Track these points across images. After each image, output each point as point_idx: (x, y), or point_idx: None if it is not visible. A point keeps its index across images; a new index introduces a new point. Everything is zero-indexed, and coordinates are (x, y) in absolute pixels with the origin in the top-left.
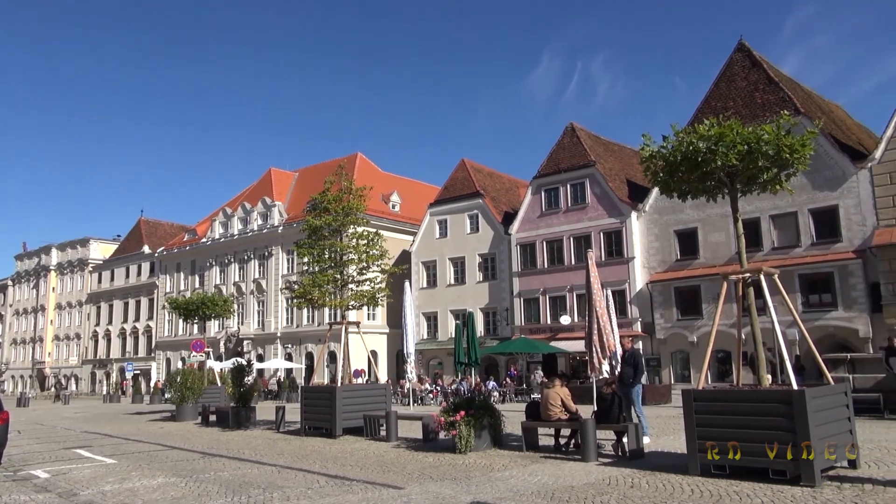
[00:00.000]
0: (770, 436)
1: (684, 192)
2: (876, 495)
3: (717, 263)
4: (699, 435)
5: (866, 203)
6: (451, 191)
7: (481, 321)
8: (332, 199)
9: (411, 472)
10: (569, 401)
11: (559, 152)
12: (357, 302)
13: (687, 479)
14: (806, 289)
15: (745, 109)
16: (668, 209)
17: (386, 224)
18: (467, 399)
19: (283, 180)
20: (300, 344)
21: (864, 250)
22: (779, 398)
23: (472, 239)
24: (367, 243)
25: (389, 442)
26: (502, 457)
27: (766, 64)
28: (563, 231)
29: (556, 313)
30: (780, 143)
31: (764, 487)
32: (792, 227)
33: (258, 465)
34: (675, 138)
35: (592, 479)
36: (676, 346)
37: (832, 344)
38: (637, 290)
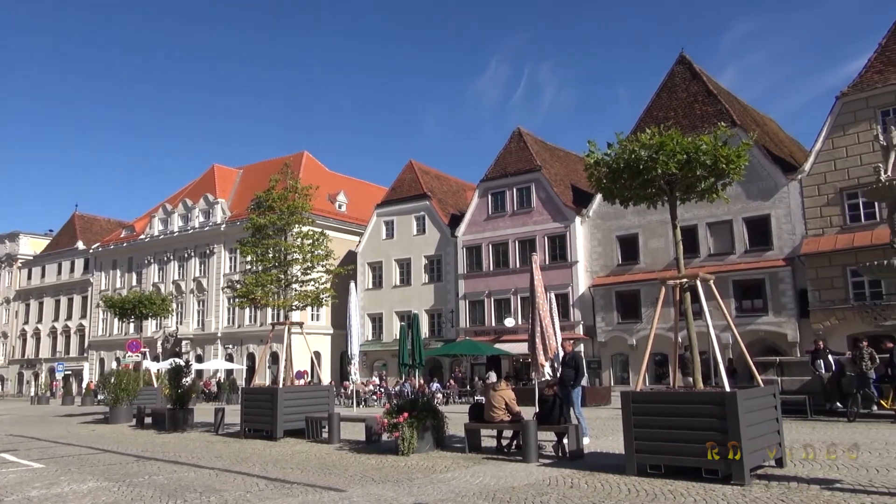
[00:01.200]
0: (703, 436)
1: (626, 199)
2: (801, 493)
3: (656, 269)
4: (636, 436)
5: (796, 213)
6: (398, 192)
7: (426, 323)
8: (277, 198)
9: (353, 475)
10: (512, 403)
11: (506, 156)
12: (301, 302)
13: (624, 479)
14: (739, 294)
15: (684, 120)
16: (610, 215)
17: (332, 224)
18: (411, 401)
19: (227, 177)
20: (241, 344)
21: (794, 258)
22: (712, 400)
23: (418, 240)
24: (313, 243)
25: (332, 444)
26: (445, 458)
27: (705, 77)
28: (509, 234)
29: (501, 315)
30: (717, 154)
31: (697, 486)
32: (727, 234)
33: (195, 469)
34: (618, 146)
35: (533, 480)
36: (617, 349)
37: (763, 348)
38: (580, 293)
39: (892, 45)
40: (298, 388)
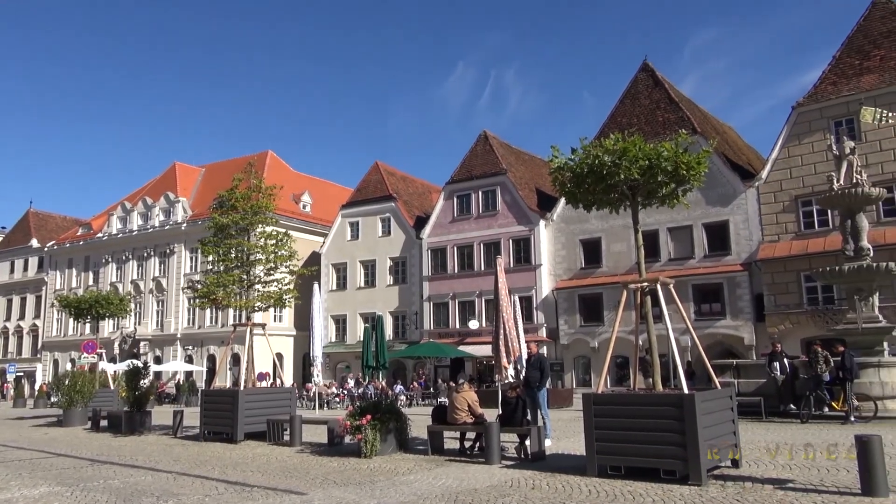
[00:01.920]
0: (662, 437)
1: (590, 203)
2: (755, 492)
3: (618, 272)
4: (597, 437)
5: (753, 219)
6: (363, 193)
7: (390, 325)
8: (241, 197)
9: (315, 478)
10: (475, 405)
11: (472, 159)
12: (263, 303)
13: (585, 480)
14: (698, 298)
15: (647, 126)
16: (574, 219)
17: (296, 224)
18: (374, 403)
19: (189, 176)
20: (202, 346)
21: (750, 263)
22: (670, 402)
23: (383, 242)
24: (276, 243)
25: (293, 447)
26: (408, 461)
27: (667, 84)
28: (474, 237)
29: (465, 318)
30: (678, 160)
31: (656, 487)
32: (687, 239)
33: (152, 472)
34: (582, 151)
35: (495, 482)
36: (579, 352)
37: (720, 350)
38: (543, 296)
39: (845, 58)
40: (260, 390)
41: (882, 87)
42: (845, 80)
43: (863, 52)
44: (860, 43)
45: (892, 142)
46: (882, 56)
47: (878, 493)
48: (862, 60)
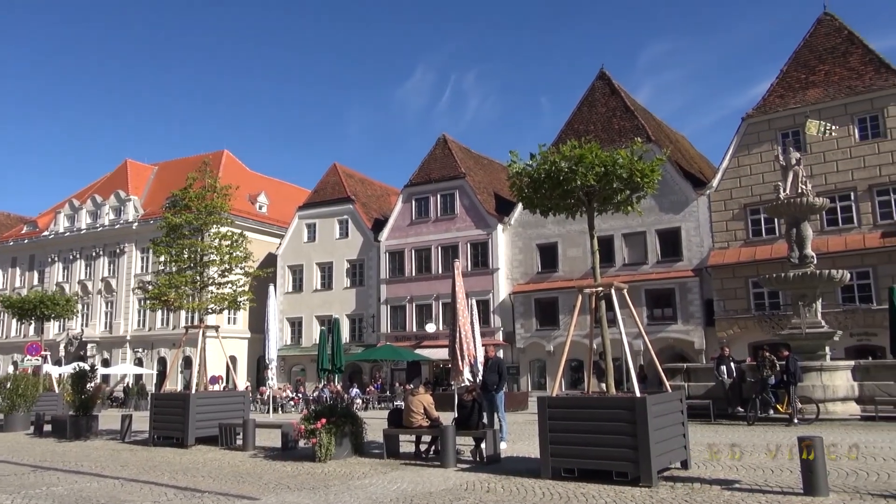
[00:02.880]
0: (615, 440)
1: (547, 209)
2: (703, 493)
3: (574, 277)
4: (552, 440)
5: (704, 227)
6: (321, 194)
7: (347, 328)
8: (195, 197)
9: (268, 482)
10: (431, 408)
11: (431, 162)
12: (217, 305)
13: (539, 483)
14: (651, 303)
15: (603, 134)
16: (531, 223)
17: (251, 225)
18: (329, 406)
19: (141, 174)
20: (152, 348)
21: (701, 269)
22: (623, 405)
23: (340, 244)
24: (231, 244)
25: (246, 451)
26: (363, 464)
27: (623, 93)
28: (432, 240)
29: (422, 321)
30: (632, 168)
31: (608, 489)
32: (641, 245)
33: (98, 479)
34: (540, 157)
35: (450, 485)
36: (535, 355)
37: (671, 354)
38: (500, 300)
39: (792, 72)
40: (212, 393)
41: (826, 101)
42: (792, 93)
43: (808, 67)
44: (806, 58)
45: (836, 154)
46: (826, 71)
47: (818, 493)
48: (808, 75)
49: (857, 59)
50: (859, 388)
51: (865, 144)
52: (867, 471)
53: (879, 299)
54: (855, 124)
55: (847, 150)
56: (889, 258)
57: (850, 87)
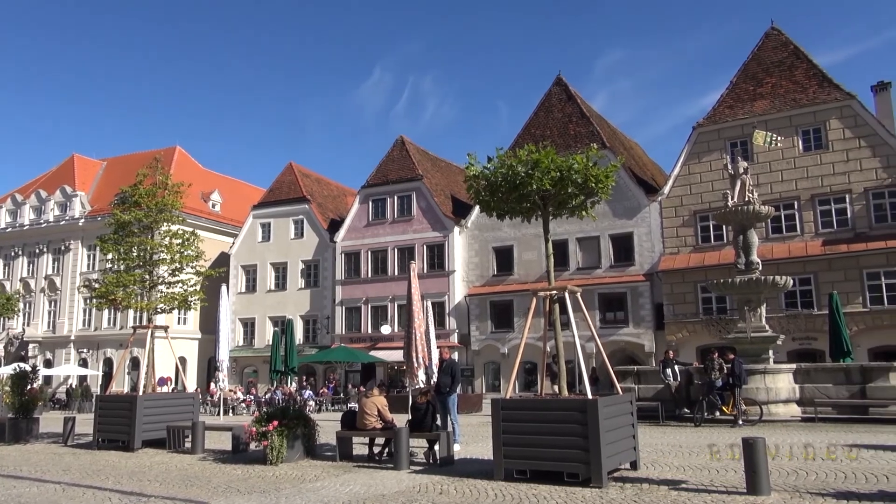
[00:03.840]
0: (566, 441)
1: (503, 212)
2: (651, 493)
3: (529, 280)
4: (505, 441)
5: (655, 232)
6: (276, 194)
7: (301, 329)
8: (145, 194)
9: (217, 486)
10: (385, 410)
11: (388, 164)
12: (167, 305)
13: (492, 485)
14: (603, 306)
15: (559, 139)
16: (487, 226)
17: (204, 224)
18: (281, 408)
19: (88, 169)
20: (98, 349)
21: (652, 274)
22: (575, 407)
23: (295, 244)
24: (182, 243)
25: (195, 454)
26: (315, 467)
27: (579, 99)
28: (389, 242)
29: (378, 323)
30: (587, 173)
31: (559, 490)
32: (594, 249)
33: (38, 483)
34: (497, 161)
35: (403, 487)
36: (489, 357)
37: (623, 357)
38: (456, 302)
39: (741, 84)
40: (160, 395)
41: (773, 113)
42: (741, 104)
43: (756, 79)
44: (754, 70)
45: (781, 164)
46: (773, 83)
47: (761, 492)
48: (756, 87)
49: (801, 74)
50: (800, 391)
51: (808, 156)
52: (807, 470)
53: (820, 305)
54: (799, 136)
55: (791, 160)
56: (829, 265)
57: (795, 100)
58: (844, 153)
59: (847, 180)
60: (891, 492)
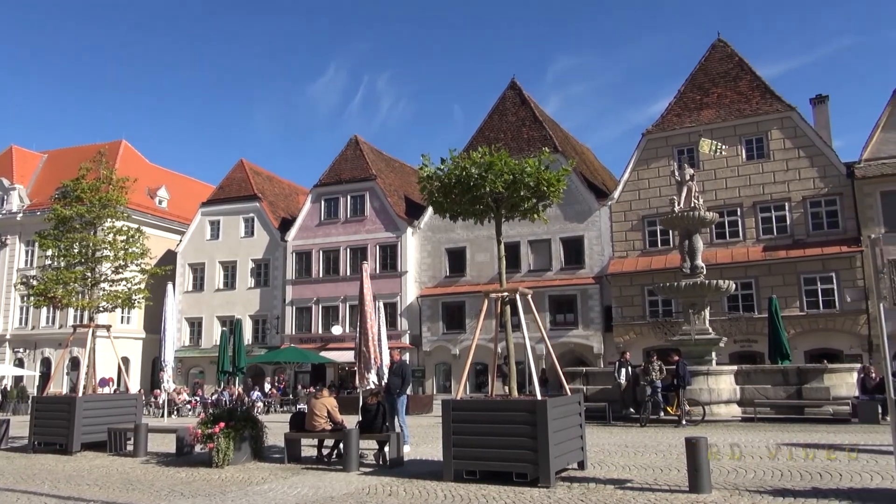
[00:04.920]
0: (516, 442)
1: (456, 214)
2: (598, 492)
3: (481, 281)
4: (455, 442)
5: (605, 236)
6: (226, 191)
7: (250, 329)
8: (88, 188)
9: (160, 490)
10: (334, 411)
11: (342, 163)
12: (110, 303)
13: (441, 485)
14: (554, 308)
15: (513, 143)
16: (440, 228)
17: (150, 220)
18: (228, 410)
19: (28, 161)
20: (35, 348)
21: (601, 277)
22: (524, 408)
23: (245, 243)
24: (127, 240)
25: (137, 457)
26: (262, 470)
27: (533, 103)
28: (341, 241)
29: (329, 323)
30: (540, 177)
31: (508, 490)
32: (546, 252)
33: None
34: (451, 162)
35: (352, 489)
36: (440, 359)
37: (572, 359)
38: (408, 303)
39: (688, 93)
40: (101, 396)
41: (718, 122)
42: (688, 112)
43: (703, 89)
44: (701, 80)
45: (725, 172)
46: (719, 94)
47: (702, 490)
48: (702, 96)
49: (745, 85)
50: (741, 392)
51: (751, 164)
52: (746, 469)
53: (760, 308)
54: (742, 145)
55: (735, 168)
56: (769, 270)
57: (739, 110)
58: (785, 163)
59: (787, 189)
60: (824, 489)
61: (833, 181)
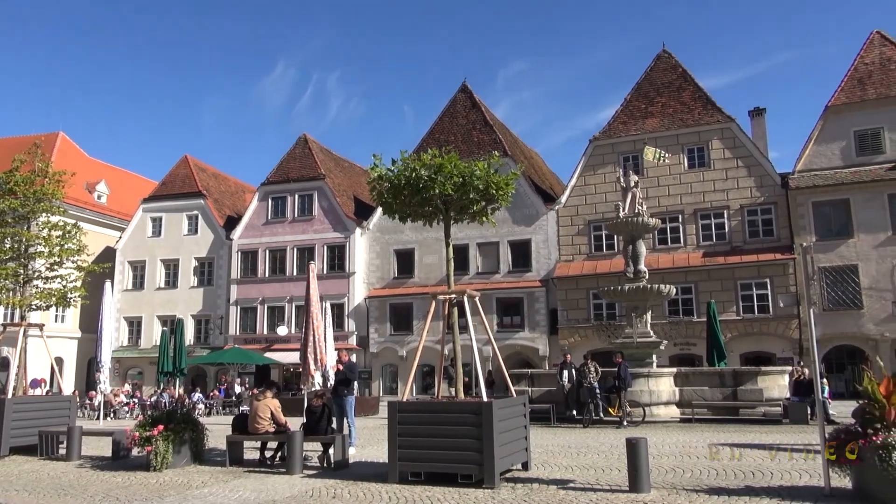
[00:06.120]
0: (461, 443)
1: (405, 215)
2: (541, 493)
3: (429, 283)
4: (400, 444)
5: (552, 240)
6: (169, 187)
7: (192, 329)
8: (22, 181)
9: (94, 495)
10: (278, 413)
11: (290, 161)
12: (43, 301)
13: (386, 487)
14: (501, 311)
15: (463, 145)
16: (389, 229)
17: (88, 216)
18: (168, 412)
19: None
20: None
21: (548, 280)
22: (470, 409)
23: (189, 241)
24: (63, 235)
25: (70, 461)
26: (203, 473)
27: (483, 107)
28: (288, 241)
29: (274, 324)
30: (489, 180)
31: (453, 491)
32: (494, 255)
33: None
34: (401, 164)
35: (296, 492)
36: (387, 360)
37: (518, 361)
38: (355, 304)
39: (634, 101)
40: (32, 398)
41: (662, 131)
42: (633, 120)
43: (648, 98)
44: (646, 90)
45: (668, 179)
46: (663, 103)
47: (641, 490)
48: (647, 105)
49: (688, 95)
50: (680, 393)
51: (693, 172)
52: (683, 468)
53: (699, 312)
54: (685, 154)
55: (678, 176)
56: (708, 276)
57: (682, 120)
58: (724, 172)
59: (726, 197)
60: (756, 487)
61: (769, 191)
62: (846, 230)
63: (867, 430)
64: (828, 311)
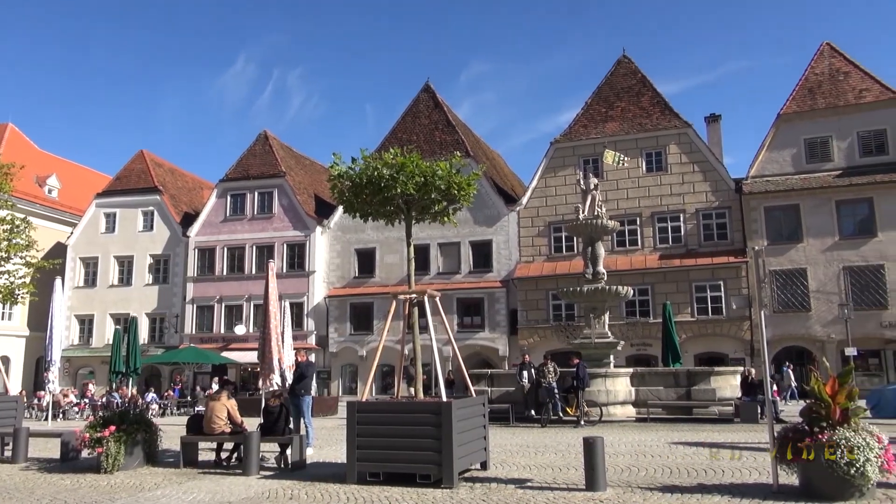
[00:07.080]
0: (420, 443)
1: (366, 214)
2: (499, 492)
3: (390, 283)
4: (359, 444)
5: (513, 240)
6: (124, 182)
7: (146, 327)
8: None
9: (41, 498)
10: (235, 413)
11: (250, 158)
12: None
13: (344, 488)
14: (461, 311)
15: (425, 145)
16: (350, 228)
17: (38, 210)
18: (120, 413)
19: None
20: None
21: (508, 281)
22: (429, 409)
23: (144, 237)
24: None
25: (16, 463)
26: (156, 475)
27: (446, 107)
28: (247, 239)
29: (232, 323)
30: (450, 180)
31: (411, 491)
32: (455, 255)
33: None
34: (362, 162)
35: (252, 494)
36: (347, 360)
37: (478, 361)
38: (315, 303)
39: (594, 105)
40: None
41: (621, 135)
42: (594, 124)
43: (608, 102)
44: (607, 94)
45: (627, 182)
46: (623, 108)
47: (597, 488)
48: (607, 109)
49: (647, 100)
50: (636, 393)
51: (651, 176)
52: (639, 467)
53: (655, 314)
54: (643, 158)
55: (636, 179)
56: (665, 277)
57: (641, 124)
58: (681, 176)
59: (682, 201)
60: (708, 485)
61: (723, 195)
62: (796, 235)
63: (814, 428)
64: (778, 312)
